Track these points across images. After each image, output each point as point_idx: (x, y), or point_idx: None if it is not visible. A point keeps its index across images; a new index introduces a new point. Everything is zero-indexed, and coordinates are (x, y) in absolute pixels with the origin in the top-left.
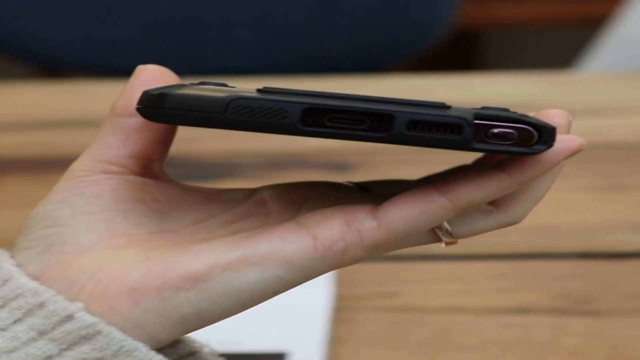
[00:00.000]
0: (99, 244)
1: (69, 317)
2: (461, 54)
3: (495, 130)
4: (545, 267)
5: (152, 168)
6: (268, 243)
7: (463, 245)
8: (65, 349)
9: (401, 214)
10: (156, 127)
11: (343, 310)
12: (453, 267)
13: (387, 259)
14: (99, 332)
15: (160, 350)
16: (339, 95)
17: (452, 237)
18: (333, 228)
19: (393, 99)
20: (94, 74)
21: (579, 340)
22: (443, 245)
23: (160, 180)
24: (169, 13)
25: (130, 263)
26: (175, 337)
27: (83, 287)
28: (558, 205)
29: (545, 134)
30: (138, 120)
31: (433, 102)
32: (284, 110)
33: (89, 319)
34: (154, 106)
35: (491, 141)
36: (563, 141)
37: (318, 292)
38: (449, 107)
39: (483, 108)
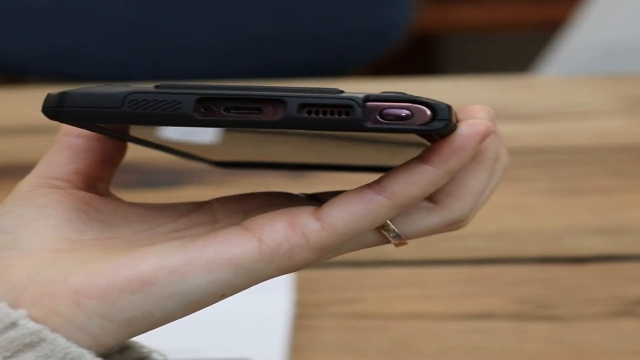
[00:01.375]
0: (41, 248)
1: (13, 325)
2: (419, 58)
3: (388, 111)
4: (505, 272)
5: (97, 186)
6: (214, 246)
7: (423, 251)
8: (9, 357)
9: (342, 214)
10: (102, 147)
11: (303, 317)
12: (413, 273)
13: (347, 265)
14: (43, 339)
15: (107, 356)
16: (235, 87)
17: (400, 238)
18: (277, 230)
19: (289, 87)
20: (53, 80)
21: (540, 346)
22: (393, 246)
23: (106, 198)
24: (128, 19)
25: (73, 265)
26: (121, 341)
27: (25, 290)
28: (517, 210)
29: (439, 111)
30: (85, 140)
31: (328, 88)
32: (177, 102)
33: (32, 326)
34: (55, 106)
35: (385, 121)
36: (471, 125)
37: (278, 299)
38: (342, 91)
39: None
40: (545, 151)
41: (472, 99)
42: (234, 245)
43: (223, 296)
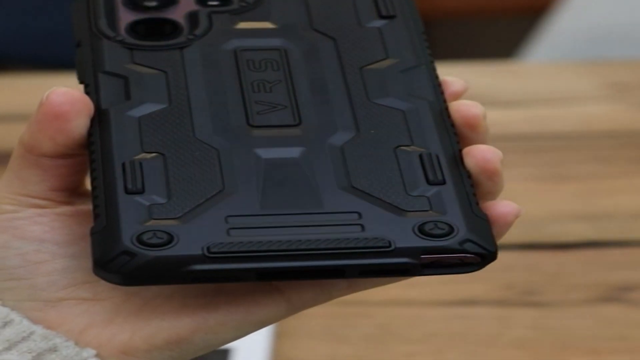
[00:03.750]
0: (65, 299)
1: None
2: None
3: (442, 261)
4: None
5: (80, 190)
6: (245, 307)
7: None
8: None
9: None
10: (71, 162)
11: None
12: None
13: None
14: None
15: None
16: (294, 255)
17: None
18: (306, 292)
19: (343, 248)
20: (30, 67)
21: (525, 332)
22: None
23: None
24: None
25: (112, 324)
26: None
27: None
28: (501, 196)
29: (486, 260)
30: (50, 159)
31: (377, 242)
32: (238, 278)
33: None
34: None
35: (439, 268)
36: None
37: None
38: (390, 246)
39: (423, 224)
40: (529, 137)
41: None
42: (264, 307)
43: None
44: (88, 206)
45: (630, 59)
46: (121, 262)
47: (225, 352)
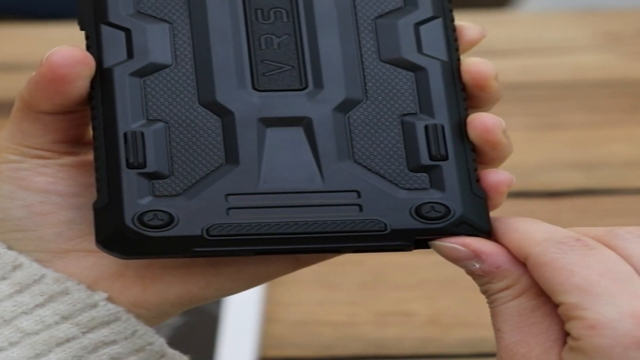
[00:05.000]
0: (73, 250)
1: (94, 305)
2: None
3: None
4: None
5: (83, 139)
6: (255, 265)
7: None
8: (86, 332)
9: None
10: (74, 113)
11: None
12: None
13: None
14: (118, 319)
15: None
16: (289, 238)
17: None
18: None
19: (338, 232)
20: (20, 18)
21: None
22: None
23: None
24: None
25: (123, 277)
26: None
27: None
28: None
29: (481, 237)
30: (49, 115)
31: (373, 225)
32: (237, 255)
33: (112, 307)
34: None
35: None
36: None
37: None
38: (385, 230)
39: (420, 206)
40: (522, 86)
41: None
42: (274, 263)
43: None
44: (92, 156)
45: (624, 8)
46: (122, 241)
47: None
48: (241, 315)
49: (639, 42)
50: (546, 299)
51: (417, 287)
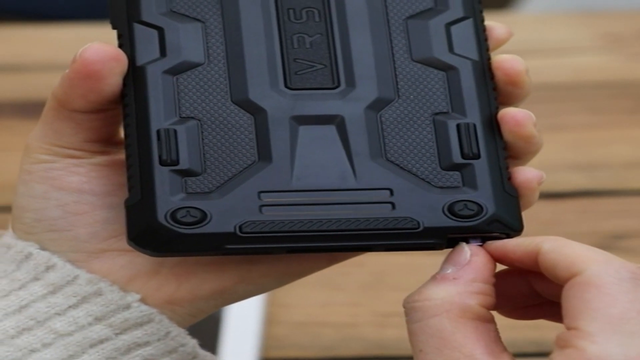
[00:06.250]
0: (108, 250)
1: (127, 307)
2: None
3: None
4: None
5: (115, 138)
6: (287, 260)
7: None
8: (120, 333)
9: None
10: (107, 112)
11: None
12: None
13: None
14: (151, 320)
15: None
16: (320, 235)
17: None
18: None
19: (366, 222)
20: (22, 19)
21: None
22: None
23: None
24: None
25: (158, 275)
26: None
27: None
28: None
29: (512, 236)
30: (82, 114)
31: (406, 223)
32: (270, 253)
33: (145, 309)
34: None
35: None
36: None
37: None
38: (418, 227)
39: (453, 204)
40: None
41: None
42: (306, 259)
43: None
44: (123, 155)
45: (624, 10)
46: (154, 238)
47: None
48: (243, 316)
49: None
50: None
51: None
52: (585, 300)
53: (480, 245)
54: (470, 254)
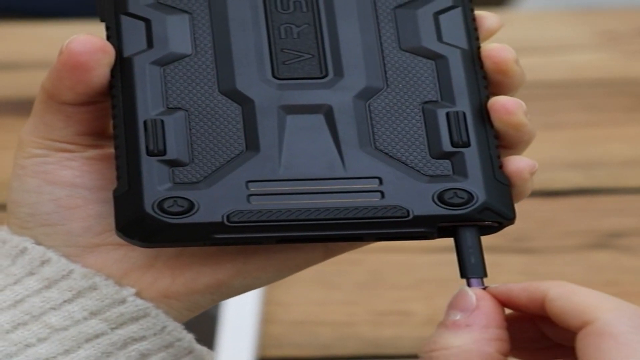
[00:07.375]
0: (102, 244)
1: (122, 301)
2: None
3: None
4: None
5: (107, 132)
6: (284, 253)
7: None
8: (115, 328)
9: None
10: (96, 104)
11: None
12: None
13: None
14: (147, 314)
15: None
16: (310, 224)
17: None
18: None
19: (355, 211)
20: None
21: (515, 278)
22: None
23: None
24: None
25: (153, 269)
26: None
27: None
28: None
29: (504, 225)
30: (72, 107)
31: (395, 211)
32: (259, 243)
33: (140, 303)
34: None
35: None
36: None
37: None
38: (408, 216)
39: (443, 192)
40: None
41: None
42: (303, 252)
43: None
44: None
45: (622, 8)
46: (142, 228)
47: None
48: (240, 315)
49: (637, 42)
50: None
51: (415, 287)
52: (603, 351)
53: (484, 289)
54: (476, 298)
